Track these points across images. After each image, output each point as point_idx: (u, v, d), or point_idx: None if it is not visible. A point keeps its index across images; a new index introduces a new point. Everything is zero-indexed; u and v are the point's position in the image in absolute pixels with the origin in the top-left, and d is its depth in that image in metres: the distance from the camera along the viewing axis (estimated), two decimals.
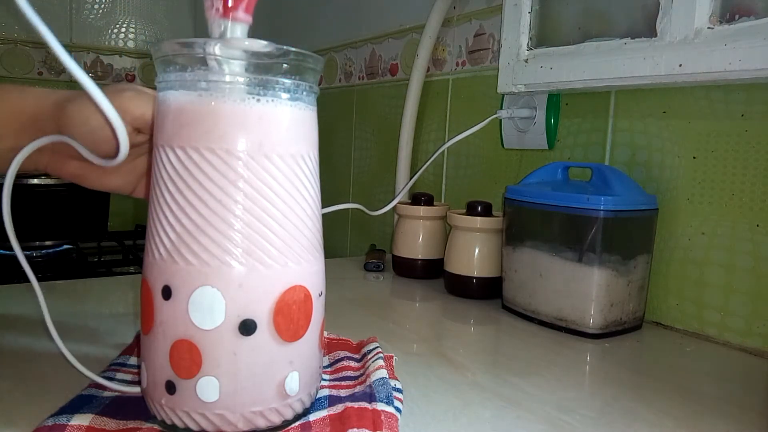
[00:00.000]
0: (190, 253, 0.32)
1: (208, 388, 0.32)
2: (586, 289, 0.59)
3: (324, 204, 0.40)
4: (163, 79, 0.33)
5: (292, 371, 0.34)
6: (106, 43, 1.49)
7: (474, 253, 0.72)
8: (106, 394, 0.38)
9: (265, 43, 0.32)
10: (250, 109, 0.32)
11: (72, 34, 1.44)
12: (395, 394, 0.38)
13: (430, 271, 0.82)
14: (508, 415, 0.40)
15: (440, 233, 0.83)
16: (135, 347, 0.46)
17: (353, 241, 1.25)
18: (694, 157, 0.63)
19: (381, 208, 0.75)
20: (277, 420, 0.34)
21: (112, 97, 0.40)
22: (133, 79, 1.52)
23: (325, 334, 0.50)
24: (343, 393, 0.39)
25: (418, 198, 0.83)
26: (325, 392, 0.40)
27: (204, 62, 0.32)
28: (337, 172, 1.29)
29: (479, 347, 0.57)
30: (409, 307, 0.72)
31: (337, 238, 1.28)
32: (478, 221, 0.72)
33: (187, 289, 0.32)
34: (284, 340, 0.33)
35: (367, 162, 1.20)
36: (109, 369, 0.42)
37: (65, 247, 1.13)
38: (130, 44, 1.51)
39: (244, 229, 0.32)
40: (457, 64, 0.95)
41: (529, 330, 0.62)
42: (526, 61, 0.77)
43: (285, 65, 0.33)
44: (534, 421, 0.40)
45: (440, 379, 0.46)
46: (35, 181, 1.05)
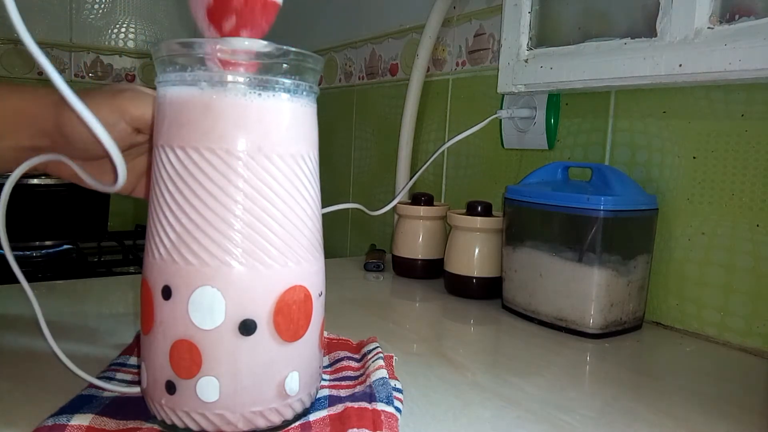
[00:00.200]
0: (190, 253, 0.32)
1: (208, 388, 0.32)
2: (586, 289, 0.59)
3: (324, 204, 0.40)
4: (162, 79, 0.33)
5: (292, 371, 0.34)
6: (106, 43, 1.49)
7: (474, 253, 0.72)
8: (106, 394, 0.38)
9: (265, 43, 0.32)
10: (250, 109, 0.32)
11: (72, 34, 1.44)
12: (395, 394, 0.38)
13: (430, 271, 0.82)
14: (508, 415, 0.40)
15: (440, 233, 0.83)
16: (135, 347, 0.46)
17: (353, 241, 1.25)
18: (694, 157, 0.63)
19: (381, 208, 0.75)
20: (277, 420, 0.34)
21: (112, 98, 0.40)
22: (133, 79, 1.52)
23: (325, 334, 0.50)
24: (343, 393, 0.39)
25: (418, 198, 0.83)
26: (325, 392, 0.40)
27: (204, 62, 0.32)
28: (337, 172, 1.29)
29: (479, 347, 0.57)
30: (409, 307, 0.72)
31: (337, 238, 1.28)
32: (478, 221, 0.72)
33: (187, 289, 0.32)
34: (284, 340, 0.33)
35: (367, 162, 1.20)
36: (109, 369, 0.42)
37: (65, 247, 1.13)
38: (130, 44, 1.51)
39: (244, 229, 0.32)
40: (457, 64, 0.95)
41: (529, 330, 0.62)
42: (526, 61, 0.77)
43: (285, 65, 0.33)
44: (534, 421, 0.40)
45: (440, 379, 0.46)
46: (35, 181, 1.04)
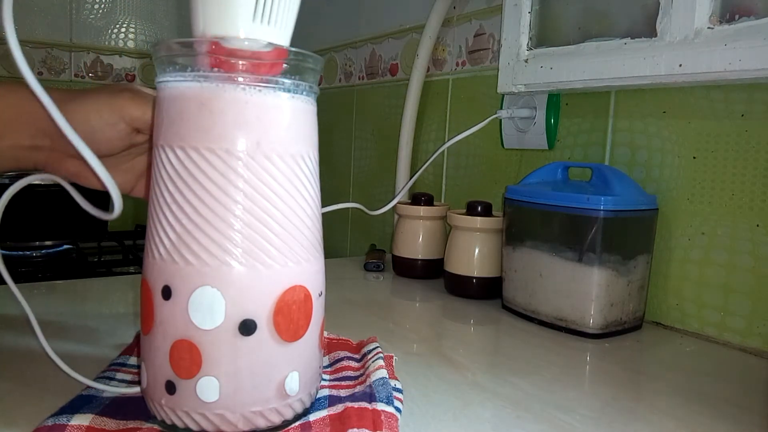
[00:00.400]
0: (190, 253, 0.32)
1: (208, 388, 0.32)
2: (586, 289, 0.59)
3: (324, 204, 0.40)
4: (162, 79, 0.33)
5: (292, 371, 0.34)
6: (106, 43, 1.48)
7: (474, 253, 0.72)
8: (107, 394, 0.38)
9: (265, 42, 0.32)
10: (250, 109, 0.32)
11: (72, 34, 1.44)
12: (395, 394, 0.38)
13: (430, 271, 0.82)
14: (508, 415, 0.40)
15: (440, 233, 0.83)
16: (135, 347, 0.46)
17: (353, 241, 1.25)
18: (694, 157, 0.63)
19: (381, 207, 0.76)
20: (277, 420, 0.34)
21: (111, 98, 0.40)
22: (133, 79, 1.52)
23: (325, 334, 0.50)
24: (343, 393, 0.39)
25: (418, 198, 0.83)
26: (325, 392, 0.40)
27: (203, 62, 0.32)
28: (337, 172, 1.29)
29: (479, 347, 0.57)
30: (409, 307, 0.72)
31: (337, 238, 1.28)
32: (478, 221, 0.72)
33: (187, 289, 0.32)
34: (284, 340, 0.33)
35: (367, 162, 1.20)
36: (109, 369, 0.42)
37: (65, 247, 1.13)
38: (130, 44, 1.51)
39: (244, 229, 0.32)
40: (457, 64, 0.95)
41: (529, 330, 0.62)
42: (526, 61, 0.77)
43: (285, 65, 0.33)
44: (534, 421, 0.40)
45: (440, 379, 0.46)
46: (35, 181, 1.04)
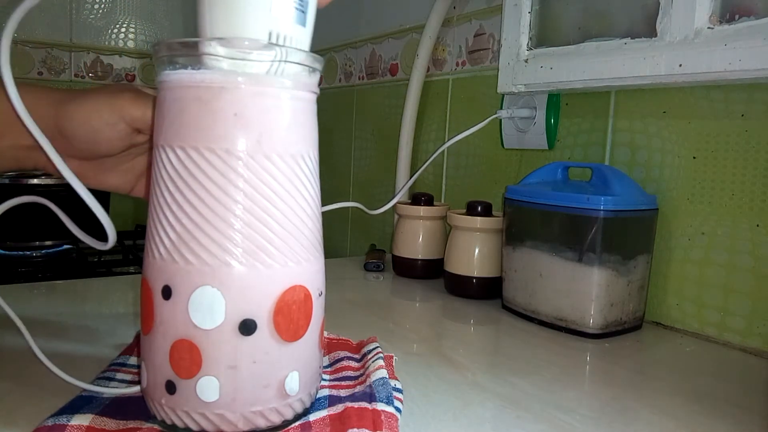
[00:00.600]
0: (190, 253, 0.32)
1: (208, 388, 0.32)
2: (586, 289, 0.59)
3: (324, 204, 0.40)
4: (163, 79, 0.33)
5: (292, 371, 0.34)
6: (106, 43, 1.48)
7: (474, 253, 0.72)
8: (107, 394, 0.38)
9: (265, 42, 0.32)
10: (250, 109, 0.32)
11: (72, 34, 1.44)
12: (395, 394, 0.38)
13: (430, 271, 0.82)
14: (508, 415, 0.40)
15: (440, 233, 0.83)
16: (135, 347, 0.46)
17: (353, 241, 1.25)
18: (694, 157, 0.63)
19: (381, 207, 0.75)
20: (277, 420, 0.34)
21: (112, 98, 0.40)
22: (133, 79, 1.52)
23: (325, 334, 0.50)
24: (343, 393, 0.39)
25: (418, 198, 0.83)
26: (325, 392, 0.40)
27: (204, 62, 0.32)
28: (337, 172, 1.29)
29: (479, 347, 0.57)
30: (409, 307, 0.72)
31: (337, 238, 1.28)
32: (478, 221, 0.72)
33: (187, 289, 0.32)
34: (284, 339, 0.33)
35: (367, 162, 1.20)
36: (109, 369, 0.42)
37: (65, 247, 1.13)
38: (130, 44, 1.51)
39: (244, 229, 0.32)
40: (457, 64, 0.95)
41: (529, 330, 0.61)
42: (526, 61, 0.77)
43: (285, 65, 0.33)
44: (534, 421, 0.40)
45: (440, 379, 0.46)
46: (35, 181, 1.04)
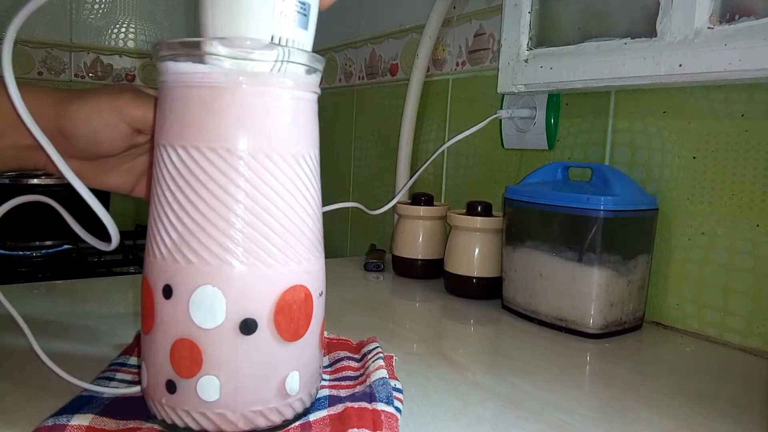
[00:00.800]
0: (191, 252, 0.32)
1: (209, 388, 0.32)
2: (586, 289, 0.59)
3: (324, 204, 0.40)
4: (164, 79, 0.33)
5: (293, 371, 0.34)
6: (106, 43, 1.49)
7: (474, 253, 0.72)
8: (107, 394, 0.38)
9: (266, 42, 0.32)
10: (252, 109, 0.32)
11: (72, 34, 1.44)
12: (395, 394, 0.38)
13: (430, 271, 0.82)
14: (508, 415, 0.40)
15: (440, 233, 0.83)
16: (135, 347, 0.46)
17: (353, 241, 1.25)
18: (694, 157, 0.63)
19: (381, 207, 0.75)
20: (278, 420, 0.34)
21: (112, 98, 0.40)
22: (133, 79, 1.52)
23: (325, 334, 0.50)
24: (343, 393, 0.39)
25: (418, 198, 0.83)
26: (325, 392, 0.40)
27: (205, 62, 0.32)
28: (337, 172, 1.29)
29: (479, 347, 0.57)
30: (409, 307, 0.72)
31: (337, 238, 1.28)
32: (478, 221, 0.72)
33: (188, 288, 0.32)
34: (285, 339, 0.33)
35: (367, 162, 1.20)
36: (109, 369, 0.42)
37: (65, 247, 1.13)
38: (130, 44, 1.51)
39: (245, 229, 0.32)
40: (457, 64, 0.95)
41: (529, 330, 0.62)
42: (526, 61, 0.77)
43: (287, 65, 0.33)
44: (534, 421, 0.40)
45: (440, 379, 0.46)
46: (35, 181, 1.04)
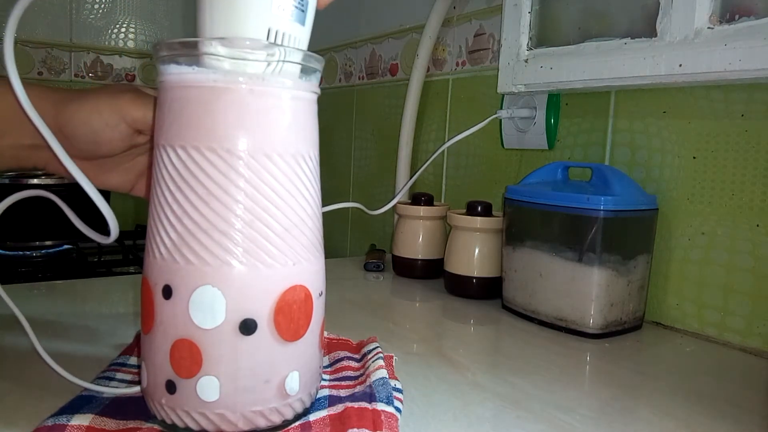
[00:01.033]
0: (191, 253, 0.32)
1: (209, 388, 0.32)
2: (586, 289, 0.59)
3: (324, 204, 0.40)
4: (163, 79, 0.33)
5: (293, 371, 0.34)
6: (106, 43, 1.48)
7: (474, 253, 0.72)
8: (106, 394, 0.38)
9: (266, 42, 0.32)
10: (251, 109, 0.32)
11: (72, 34, 1.44)
12: (395, 394, 0.38)
13: (430, 271, 0.82)
14: (508, 415, 0.40)
15: (440, 233, 0.83)
16: (135, 347, 0.46)
17: (353, 241, 1.25)
18: (694, 157, 0.63)
19: (381, 207, 0.75)
20: (278, 420, 0.34)
21: (113, 99, 0.40)
22: (133, 79, 1.52)
23: (325, 334, 0.50)
24: (343, 393, 0.39)
25: (418, 198, 0.83)
26: (325, 392, 0.40)
27: (205, 62, 0.32)
28: (337, 172, 1.29)
29: (479, 347, 0.57)
30: (409, 307, 0.72)
31: (337, 238, 1.28)
32: (478, 221, 0.72)
33: (188, 289, 0.32)
34: (285, 339, 0.33)
35: (367, 162, 1.20)
36: (109, 369, 0.42)
37: (65, 247, 1.13)
38: (130, 44, 1.51)
39: (245, 229, 0.32)
40: (457, 64, 0.95)
41: (529, 330, 0.62)
42: (526, 61, 0.77)
43: (286, 65, 0.33)
44: (534, 421, 0.40)
45: (440, 379, 0.46)
46: (35, 181, 1.04)
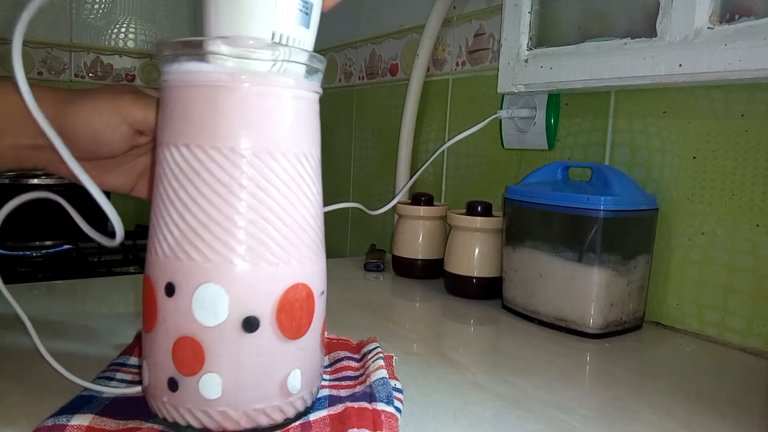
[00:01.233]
0: (194, 250, 0.32)
1: (211, 386, 0.32)
2: (586, 289, 0.59)
3: (324, 204, 0.40)
4: (167, 78, 0.33)
5: (295, 369, 0.34)
6: (106, 43, 1.49)
7: (474, 253, 0.72)
8: (107, 394, 0.38)
9: (269, 42, 0.32)
10: (255, 108, 0.32)
11: (72, 34, 1.44)
12: (395, 394, 0.38)
13: (430, 271, 0.82)
14: (508, 415, 0.40)
15: (440, 233, 0.83)
16: (135, 347, 0.46)
17: (353, 241, 1.25)
18: (694, 157, 0.63)
19: (381, 207, 0.75)
20: (279, 418, 0.34)
21: (113, 100, 0.40)
22: (133, 79, 1.52)
23: (325, 334, 0.50)
24: (343, 393, 0.39)
25: (418, 198, 0.83)
26: (325, 392, 0.40)
27: (209, 61, 0.32)
28: (337, 172, 1.29)
29: (479, 347, 0.57)
30: (409, 307, 0.72)
31: (337, 238, 1.28)
32: (478, 221, 0.72)
33: (191, 286, 0.32)
34: (287, 337, 0.33)
35: (367, 162, 1.20)
36: (109, 369, 0.42)
37: (65, 247, 1.13)
38: (130, 44, 1.51)
39: (248, 227, 0.32)
40: (457, 64, 0.95)
41: (529, 330, 0.62)
42: (526, 61, 0.77)
43: (289, 65, 0.33)
44: (534, 421, 0.40)
45: (440, 379, 0.46)
46: (35, 181, 1.04)
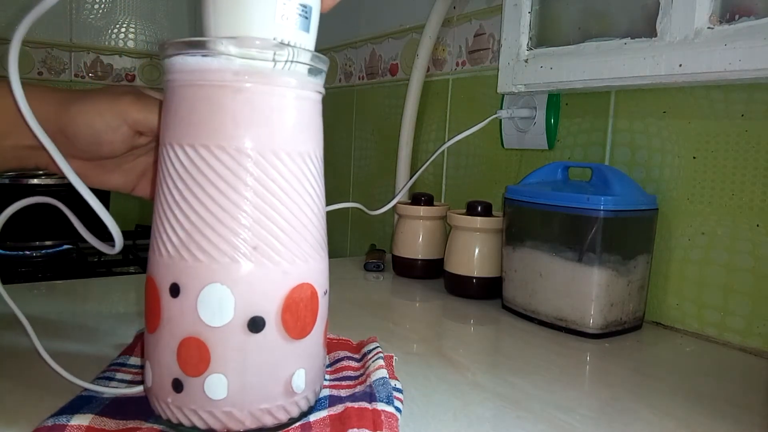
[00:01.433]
0: (199, 251, 0.32)
1: (217, 386, 0.32)
2: (586, 289, 0.59)
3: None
4: (171, 78, 0.33)
5: (299, 368, 0.34)
6: (106, 43, 1.49)
7: (474, 253, 0.72)
8: (106, 394, 0.38)
9: (274, 42, 0.32)
10: (261, 108, 0.32)
11: (72, 34, 1.44)
12: (395, 394, 0.38)
13: (430, 271, 0.82)
14: (508, 415, 0.40)
15: (440, 233, 0.83)
16: (135, 347, 0.46)
17: (353, 241, 1.25)
18: (694, 157, 0.63)
19: (381, 207, 0.76)
20: (284, 417, 0.34)
21: (114, 101, 0.40)
22: (133, 79, 1.52)
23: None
24: (343, 393, 0.39)
25: (418, 198, 0.84)
26: (326, 392, 0.40)
27: (214, 61, 0.32)
28: (337, 172, 1.29)
29: (479, 347, 0.57)
30: (409, 307, 0.72)
31: (337, 238, 1.28)
32: (478, 221, 0.72)
33: (196, 287, 0.32)
34: (292, 337, 0.33)
35: (367, 162, 1.20)
36: (109, 369, 0.42)
37: (65, 247, 1.13)
38: (130, 44, 1.51)
39: (254, 227, 0.32)
40: (457, 64, 0.95)
41: (529, 330, 0.62)
42: (526, 61, 0.77)
43: (293, 65, 0.33)
44: (534, 421, 0.40)
45: (440, 379, 0.46)
46: (35, 181, 1.04)
